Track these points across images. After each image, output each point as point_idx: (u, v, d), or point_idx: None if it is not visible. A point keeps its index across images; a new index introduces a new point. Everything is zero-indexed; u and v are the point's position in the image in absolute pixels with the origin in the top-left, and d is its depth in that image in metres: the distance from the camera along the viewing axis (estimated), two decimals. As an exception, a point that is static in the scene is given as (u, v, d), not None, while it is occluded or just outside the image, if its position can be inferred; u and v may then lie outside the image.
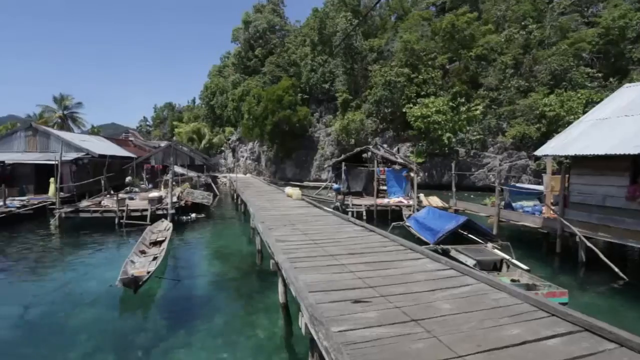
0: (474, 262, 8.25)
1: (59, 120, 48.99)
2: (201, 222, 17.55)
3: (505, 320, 4.11)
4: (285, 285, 6.60)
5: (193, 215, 17.81)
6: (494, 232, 11.94)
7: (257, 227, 10.51)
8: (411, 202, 16.71)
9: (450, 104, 31.69)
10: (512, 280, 7.09)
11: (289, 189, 19.66)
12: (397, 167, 19.59)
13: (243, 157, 51.75)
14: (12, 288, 9.06)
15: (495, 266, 8.51)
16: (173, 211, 15.57)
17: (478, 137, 31.60)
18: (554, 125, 26.94)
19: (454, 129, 31.02)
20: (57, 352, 5.93)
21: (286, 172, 42.54)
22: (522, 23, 33.64)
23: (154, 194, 17.58)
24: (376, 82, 35.19)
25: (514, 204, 14.10)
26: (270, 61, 47.31)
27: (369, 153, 20.98)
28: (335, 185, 20.60)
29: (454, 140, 31.11)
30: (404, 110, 33.14)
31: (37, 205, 17.69)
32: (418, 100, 32.89)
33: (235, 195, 24.33)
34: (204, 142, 51.36)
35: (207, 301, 8.08)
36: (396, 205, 17.32)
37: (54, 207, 15.88)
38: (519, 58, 32.28)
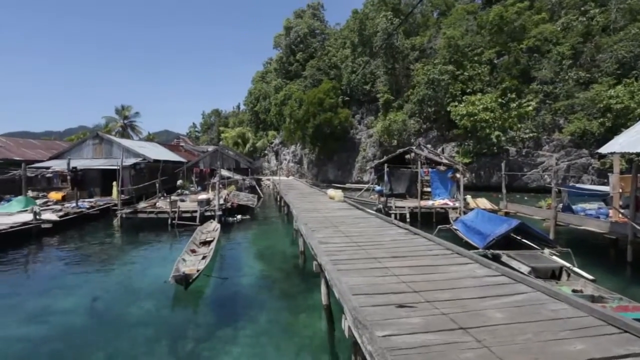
0: (529, 269, 7.70)
1: (120, 129, 53.67)
2: (246, 223, 18.17)
3: (567, 333, 3.79)
4: (328, 287, 6.63)
5: (239, 216, 18.49)
6: (551, 236, 11.07)
7: (300, 229, 10.67)
8: (457, 204, 16.01)
9: (499, 100, 29.93)
10: (574, 291, 6.53)
11: (331, 191, 19.75)
12: (441, 167, 18.89)
13: (286, 160, 52.87)
14: (84, 279, 10.02)
15: (554, 274, 7.87)
16: (220, 213, 16.29)
17: (531, 134, 29.53)
18: (622, 119, 24.41)
19: (503, 126, 29.23)
20: (120, 339, 6.45)
21: (328, 174, 42.76)
22: (582, 8, 30.95)
23: (203, 196, 18.53)
24: (419, 81, 34.28)
25: (573, 207, 12.97)
26: (311, 65, 47.94)
27: (412, 154, 20.44)
28: (377, 187, 20.33)
29: (503, 138, 29.31)
30: (448, 109, 31.89)
31: (102, 206, 19.44)
32: (463, 98, 31.47)
33: (278, 197, 24.91)
34: (248, 146, 53.21)
35: (251, 300, 8.34)
36: (441, 208, 16.69)
37: (116, 208, 17.39)
38: (578, 47, 29.71)
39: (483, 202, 17.32)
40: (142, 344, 6.27)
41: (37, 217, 14.62)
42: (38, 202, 18.33)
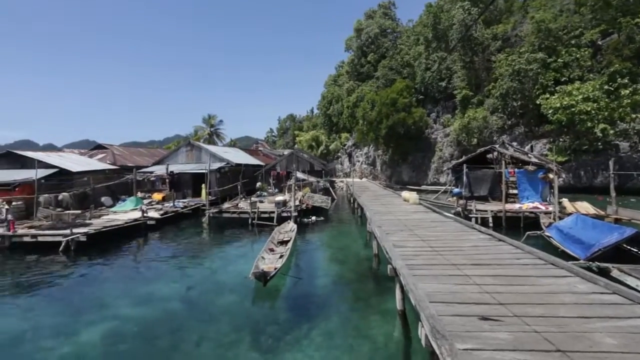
0: (649, 287, 6.51)
1: (207, 136, 59.57)
2: (320, 224, 18.63)
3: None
4: (403, 292, 6.48)
5: (313, 217, 19.05)
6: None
7: (373, 231, 10.59)
8: (551, 208, 14.24)
9: (606, 87, 25.74)
10: None
11: (405, 193, 19.19)
12: (530, 167, 17.02)
13: (359, 161, 52.85)
14: (180, 270, 11.35)
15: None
16: (296, 214, 16.98)
17: (650, 126, 24.85)
18: None
19: (611, 118, 25.06)
20: (208, 326, 7.14)
21: (402, 175, 41.58)
22: None
23: (280, 197, 19.52)
24: (501, 73, 31.32)
25: None
26: (383, 65, 47.22)
27: (495, 153, 18.81)
28: (455, 190, 19.15)
29: (611, 132, 25.12)
30: (537, 101, 28.49)
31: (193, 206, 21.77)
32: (557, 88, 27.81)
33: (351, 199, 25.02)
34: (321, 148, 54.48)
35: (325, 300, 8.52)
36: (530, 212, 15.03)
37: (204, 208, 19.31)
38: None
39: (585, 207, 15.09)
40: (227, 333, 6.87)
41: (144, 214, 17.01)
42: (145, 201, 21.31)
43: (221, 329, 7.03)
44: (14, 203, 17.78)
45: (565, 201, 15.68)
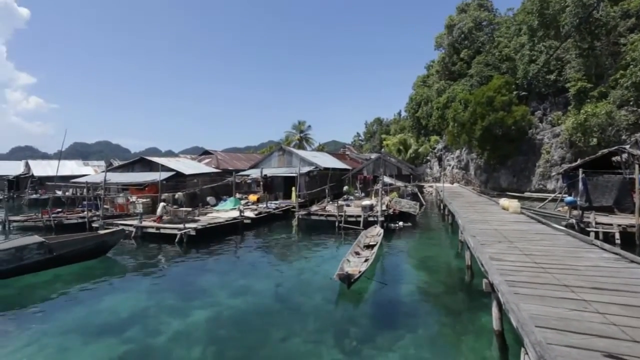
0: None
1: (297, 141, 62.86)
2: (407, 230, 18.02)
3: None
4: (501, 310, 5.86)
5: (400, 223, 18.53)
6: None
7: (467, 241, 9.84)
8: None
9: None
10: None
11: (504, 201, 17.34)
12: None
13: (449, 165, 49.65)
14: (271, 267, 12.20)
15: None
16: (382, 218, 16.75)
17: None
18: None
19: None
20: (294, 322, 7.49)
21: (500, 181, 37.65)
22: None
23: (366, 202, 19.49)
24: (635, 58, 26.04)
25: None
26: (478, 61, 43.56)
27: (624, 155, 15.73)
28: (568, 198, 16.54)
29: None
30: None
31: (284, 208, 23.16)
32: None
33: (441, 205, 23.66)
34: (410, 152, 52.71)
35: (411, 310, 8.19)
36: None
37: (294, 210, 20.38)
38: None
39: None
40: (311, 331, 7.11)
41: (242, 214, 18.72)
42: (242, 202, 23.48)
43: (306, 327, 7.31)
44: (143, 200, 21.37)
45: None
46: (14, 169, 50.13)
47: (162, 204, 17.68)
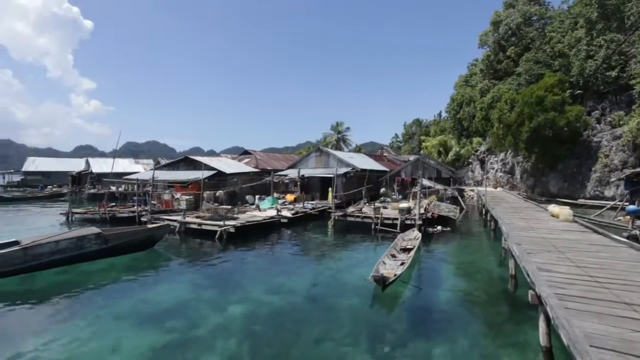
0: None
1: (335, 142, 62.99)
2: (446, 235, 17.41)
3: None
4: (549, 325, 5.49)
5: (439, 227, 17.96)
6: None
7: (511, 249, 9.32)
8: None
9: None
10: None
11: (554, 207, 16.20)
12: None
13: (493, 169, 47.24)
14: (306, 267, 12.33)
15: None
16: (420, 222, 16.32)
17: None
18: None
19: None
20: (328, 322, 7.47)
21: (549, 186, 35.21)
22: None
23: (404, 204, 19.09)
24: None
25: None
26: (527, 58, 41.04)
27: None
28: (630, 207, 15.11)
29: None
30: None
31: (321, 208, 23.29)
32: None
33: (483, 210, 22.60)
34: (450, 154, 50.89)
35: (448, 317, 7.89)
36: None
37: (330, 210, 20.44)
38: None
39: None
40: (345, 333, 7.06)
41: (279, 213, 19.10)
42: (279, 201, 23.94)
43: (340, 328, 7.28)
44: (186, 197, 22.48)
45: None
46: (76, 166, 55.49)
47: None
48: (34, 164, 58.48)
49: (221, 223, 15.90)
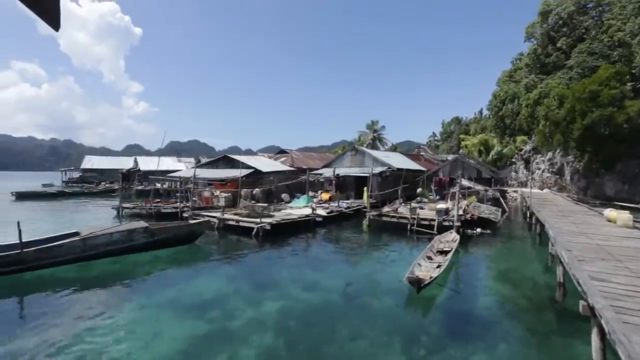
0: None
1: (370, 141, 62.29)
2: (486, 238, 16.66)
3: None
4: (603, 339, 5.08)
5: (478, 229, 17.23)
6: None
7: (559, 255, 8.73)
8: None
9: None
10: None
11: (610, 211, 14.92)
12: None
13: (539, 169, 44.41)
14: (341, 266, 12.34)
15: None
16: (459, 224, 15.75)
17: None
18: None
19: None
20: (361, 322, 7.42)
21: (604, 188, 32.52)
22: None
23: (441, 205, 18.50)
24: None
25: None
26: (580, 50, 38.08)
27: None
28: (701, 212, 13.59)
29: None
30: None
31: (355, 208, 23.19)
32: None
33: (528, 213, 21.35)
34: (492, 153, 48.50)
35: (488, 324, 7.54)
36: None
37: (365, 210, 20.26)
38: None
39: None
40: (379, 333, 6.99)
41: (314, 212, 19.25)
42: (314, 200, 24.13)
43: (374, 328, 7.22)
44: (225, 195, 23.29)
45: None
46: (126, 164, 59.80)
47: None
48: (90, 162, 63.64)
49: (258, 220, 16.31)
